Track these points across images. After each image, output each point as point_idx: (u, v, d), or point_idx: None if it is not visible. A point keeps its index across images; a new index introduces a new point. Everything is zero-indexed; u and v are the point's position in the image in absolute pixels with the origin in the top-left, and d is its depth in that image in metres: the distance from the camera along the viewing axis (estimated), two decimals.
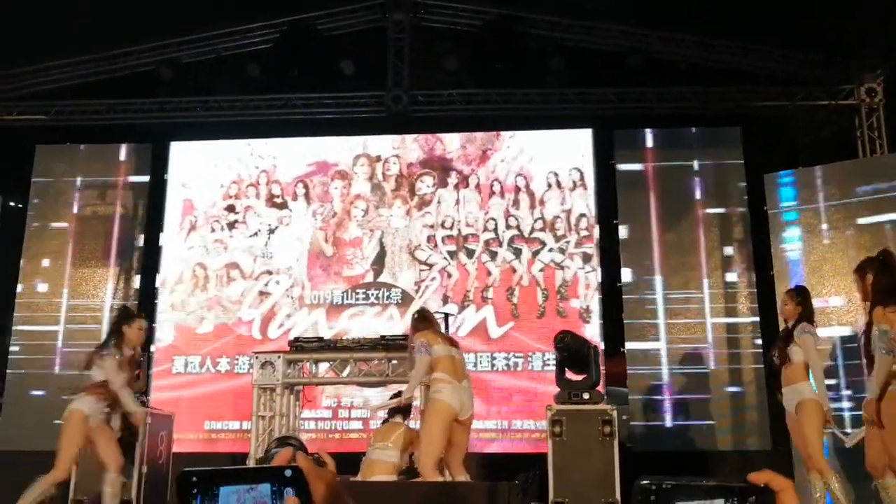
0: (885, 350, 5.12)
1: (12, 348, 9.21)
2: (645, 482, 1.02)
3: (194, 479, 1.08)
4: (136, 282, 9.42)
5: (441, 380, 5.61)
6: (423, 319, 6.04)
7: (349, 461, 6.81)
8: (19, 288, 9.35)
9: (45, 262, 9.45)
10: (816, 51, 9.09)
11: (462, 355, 5.96)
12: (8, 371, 9.15)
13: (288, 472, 1.06)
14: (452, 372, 5.65)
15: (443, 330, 7.41)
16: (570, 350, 6.74)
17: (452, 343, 5.97)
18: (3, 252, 9.42)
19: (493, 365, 8.82)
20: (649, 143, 9.20)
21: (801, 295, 6.25)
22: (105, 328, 9.13)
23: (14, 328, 9.26)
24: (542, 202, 9.14)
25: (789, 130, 9.29)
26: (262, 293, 9.24)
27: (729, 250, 8.93)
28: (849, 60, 9.11)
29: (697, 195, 9.06)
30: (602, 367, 7.14)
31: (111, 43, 9.70)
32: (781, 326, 7.09)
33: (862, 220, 8.45)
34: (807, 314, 6.08)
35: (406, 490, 6.61)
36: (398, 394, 6.44)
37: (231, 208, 9.50)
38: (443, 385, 5.58)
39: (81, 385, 5.95)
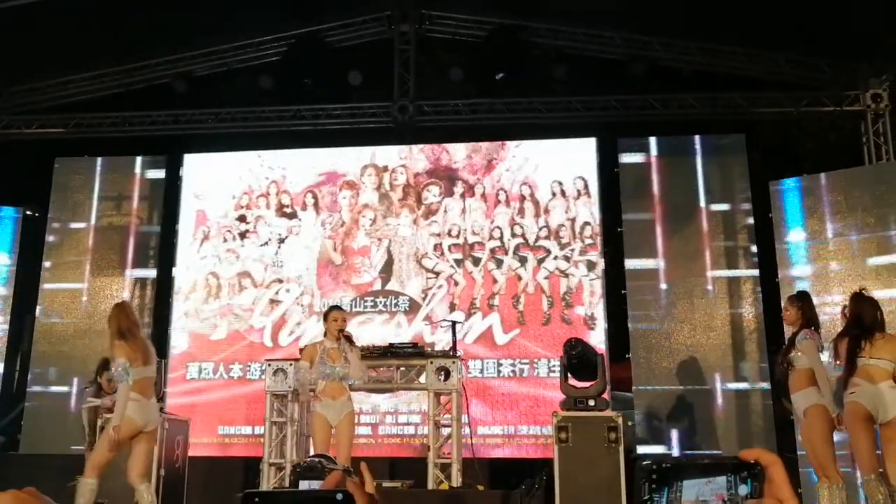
0: None
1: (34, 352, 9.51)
2: (646, 462, 1.10)
3: (257, 499, 1.12)
4: (151, 290, 9.66)
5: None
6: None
7: (357, 464, 6.97)
8: (39, 295, 9.62)
9: (64, 271, 9.71)
10: (822, 56, 9.06)
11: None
12: (30, 377, 9.41)
13: (339, 497, 1.14)
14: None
15: (451, 337, 7.62)
16: (581, 357, 6.86)
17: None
18: (23, 260, 9.69)
19: (499, 371, 8.92)
20: (653, 150, 9.23)
21: (801, 300, 6.33)
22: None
23: (34, 333, 9.55)
24: (546, 210, 9.23)
25: (794, 136, 9.29)
26: (272, 301, 9.42)
27: (734, 257, 8.95)
28: (854, 66, 9.06)
29: (702, 202, 9.08)
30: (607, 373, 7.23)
31: (127, 57, 9.94)
32: (786, 332, 7.17)
33: (867, 227, 8.46)
34: (808, 319, 6.16)
35: (421, 498, 6.79)
36: None
37: (242, 218, 9.69)
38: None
39: None
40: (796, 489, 6.24)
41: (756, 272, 8.83)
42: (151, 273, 9.70)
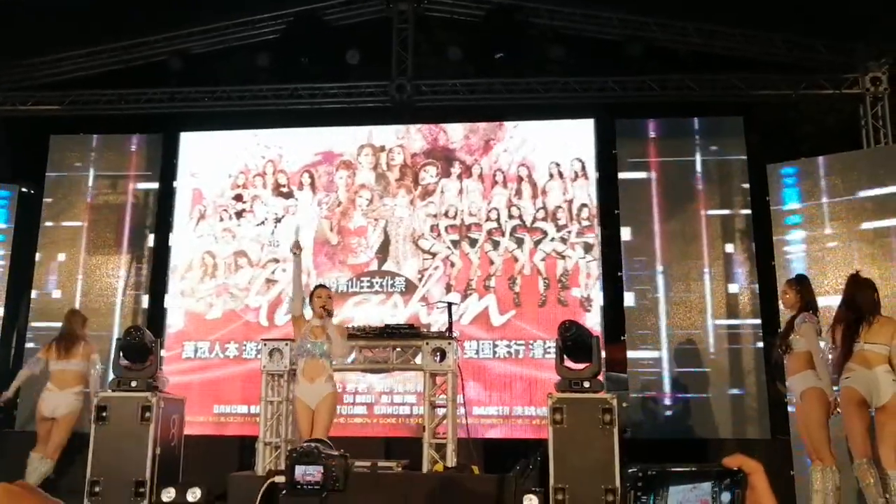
0: None
1: (29, 332, 9.49)
2: (632, 470, 1.11)
3: None
4: (147, 269, 9.65)
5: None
6: None
7: (353, 445, 6.99)
8: (35, 272, 9.60)
9: (60, 249, 9.69)
10: (820, 38, 9.00)
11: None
12: (26, 354, 9.40)
13: None
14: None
15: (447, 318, 7.65)
16: (576, 339, 6.87)
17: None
18: (18, 238, 9.66)
19: (494, 352, 8.93)
20: (651, 132, 9.22)
21: (800, 283, 6.36)
22: (118, 314, 9.41)
23: (31, 311, 9.53)
24: (544, 192, 9.21)
25: (792, 119, 9.24)
26: (268, 280, 9.41)
27: (731, 240, 8.95)
28: (853, 48, 9.00)
29: (699, 185, 9.08)
30: (602, 354, 7.25)
31: (123, 34, 9.86)
32: (782, 315, 7.19)
33: (865, 211, 8.45)
34: (807, 303, 6.19)
35: (416, 480, 6.81)
36: None
37: (239, 197, 9.67)
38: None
39: None
40: (789, 471, 6.29)
41: (753, 255, 8.83)
42: (147, 251, 9.69)
